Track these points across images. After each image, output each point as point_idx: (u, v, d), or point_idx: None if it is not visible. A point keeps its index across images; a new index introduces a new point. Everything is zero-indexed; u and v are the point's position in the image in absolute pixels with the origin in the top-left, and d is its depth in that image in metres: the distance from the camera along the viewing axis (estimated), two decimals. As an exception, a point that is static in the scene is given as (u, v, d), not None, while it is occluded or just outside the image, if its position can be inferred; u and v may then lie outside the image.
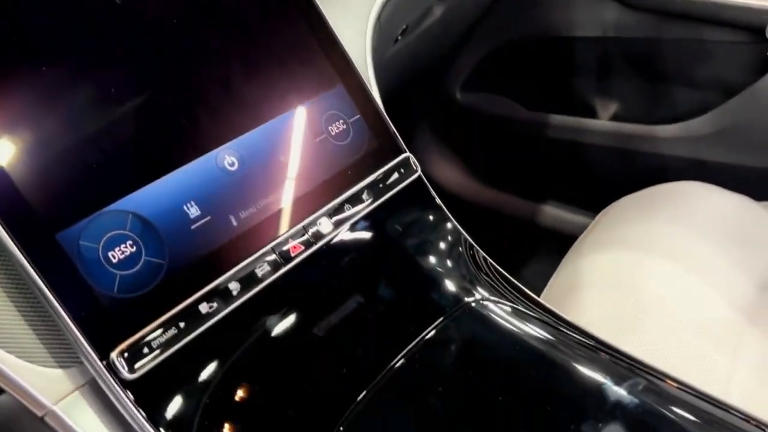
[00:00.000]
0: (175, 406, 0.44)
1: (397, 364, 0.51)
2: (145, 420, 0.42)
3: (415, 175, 0.58)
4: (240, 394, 0.46)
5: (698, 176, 0.94)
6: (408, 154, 0.59)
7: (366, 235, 0.55)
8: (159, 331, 0.44)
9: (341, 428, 0.47)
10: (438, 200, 0.60)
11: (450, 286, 0.57)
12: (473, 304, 0.56)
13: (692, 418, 0.49)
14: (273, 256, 0.49)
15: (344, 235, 0.54)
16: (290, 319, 0.50)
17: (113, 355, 0.42)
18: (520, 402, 0.50)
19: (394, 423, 0.49)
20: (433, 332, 0.53)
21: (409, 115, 1.35)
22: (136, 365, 0.42)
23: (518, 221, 1.38)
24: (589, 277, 0.81)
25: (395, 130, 0.59)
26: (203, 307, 0.46)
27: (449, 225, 0.60)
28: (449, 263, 0.58)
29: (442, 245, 0.59)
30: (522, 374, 0.52)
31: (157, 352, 0.43)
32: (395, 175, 0.57)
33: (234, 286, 0.47)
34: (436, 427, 0.49)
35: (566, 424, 0.48)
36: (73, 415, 0.43)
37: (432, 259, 0.58)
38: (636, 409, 0.49)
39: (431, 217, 0.60)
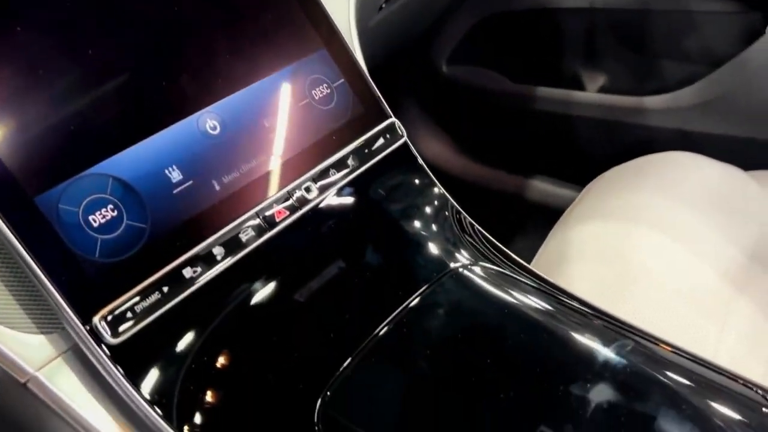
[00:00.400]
0: (159, 370, 0.43)
1: (386, 329, 0.51)
2: (129, 384, 0.42)
3: (401, 141, 0.58)
4: (224, 359, 0.46)
5: (686, 147, 0.94)
6: (394, 119, 0.58)
7: (352, 200, 0.55)
8: (142, 296, 0.43)
9: (328, 393, 0.47)
10: (424, 166, 0.60)
11: (437, 251, 0.57)
12: (461, 269, 0.56)
13: (681, 376, 0.49)
14: (257, 221, 0.49)
15: (330, 200, 0.53)
16: (275, 285, 0.49)
17: (96, 319, 0.41)
18: (508, 366, 0.50)
19: (381, 389, 0.49)
20: (420, 297, 0.53)
21: (395, 89, 1.34)
22: (120, 330, 0.42)
23: (505, 196, 1.38)
24: (577, 249, 0.81)
25: (380, 95, 0.58)
26: (187, 272, 0.45)
27: (436, 191, 0.60)
28: (436, 228, 0.58)
29: (429, 211, 0.59)
30: (510, 338, 0.52)
31: (140, 316, 0.43)
32: (381, 141, 0.57)
33: (218, 251, 0.47)
34: (422, 392, 0.49)
35: (556, 385, 0.48)
36: (56, 381, 0.43)
37: (419, 225, 0.57)
38: (626, 370, 0.49)
39: (417, 183, 0.59)
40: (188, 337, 0.45)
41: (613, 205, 0.86)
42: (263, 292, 0.49)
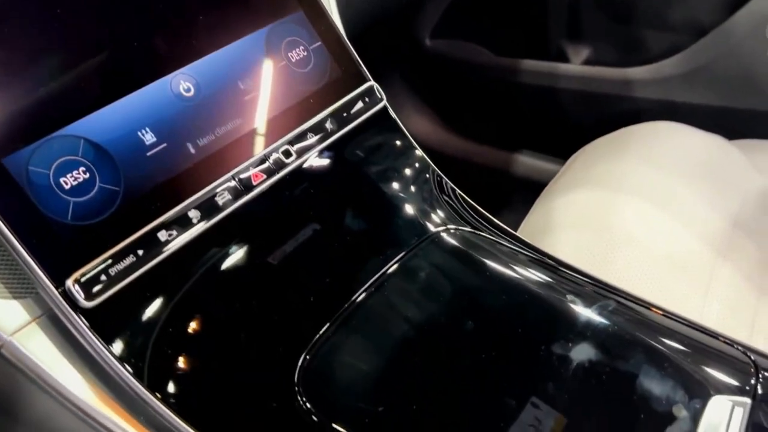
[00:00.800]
0: (134, 334, 0.43)
1: (366, 294, 0.50)
2: (104, 348, 0.41)
3: (381, 105, 0.57)
4: (201, 323, 0.45)
5: (670, 117, 0.93)
6: (372, 82, 0.57)
7: (330, 164, 0.54)
8: (116, 259, 0.42)
9: (307, 357, 0.46)
10: (404, 129, 0.59)
11: (418, 215, 0.56)
12: (442, 233, 0.55)
13: (663, 335, 0.49)
14: (233, 184, 0.48)
15: (308, 164, 0.53)
16: (252, 249, 0.49)
17: (69, 282, 0.41)
18: (489, 328, 0.50)
19: (360, 353, 0.49)
20: (401, 261, 0.53)
21: (378, 63, 1.33)
22: (93, 292, 0.41)
23: (490, 170, 1.37)
24: (561, 217, 0.81)
25: (359, 59, 0.57)
26: (162, 235, 0.45)
27: (416, 155, 0.59)
28: (417, 193, 0.57)
29: (410, 175, 0.58)
30: (492, 300, 0.52)
31: (115, 279, 0.42)
32: (360, 104, 0.56)
33: (194, 214, 0.46)
34: (402, 355, 0.48)
35: (539, 346, 0.48)
36: (30, 346, 0.42)
37: (399, 189, 0.57)
38: (608, 329, 0.49)
39: (397, 147, 0.59)
40: (164, 300, 0.44)
41: (597, 174, 0.86)
42: (240, 256, 0.48)
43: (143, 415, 0.43)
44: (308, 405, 0.44)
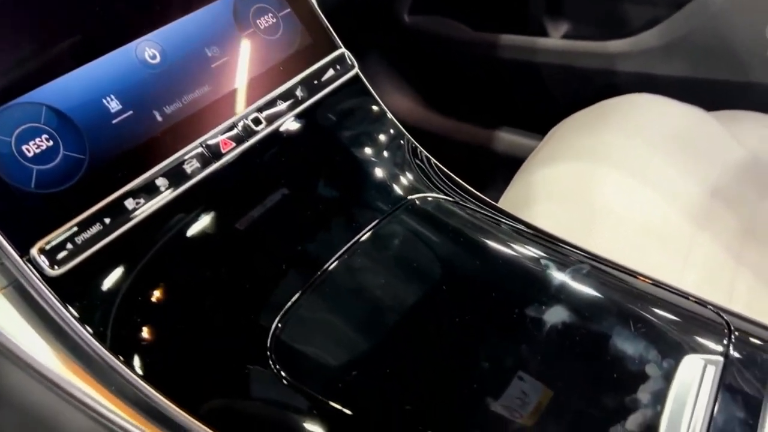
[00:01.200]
0: (101, 302, 0.42)
1: (338, 262, 0.50)
2: (71, 316, 0.41)
3: (352, 72, 0.57)
4: (171, 291, 0.45)
5: (650, 90, 0.93)
6: (343, 50, 0.57)
7: (301, 131, 0.54)
8: (82, 227, 0.42)
9: (279, 325, 0.46)
10: (377, 97, 0.59)
11: (392, 182, 0.56)
12: (417, 201, 0.55)
13: (635, 296, 0.50)
14: (201, 151, 0.47)
15: (278, 131, 0.52)
16: (222, 218, 0.48)
17: (33, 251, 0.40)
18: (462, 294, 0.49)
19: (332, 320, 0.48)
20: (375, 229, 0.52)
21: (356, 40, 1.32)
22: (58, 259, 0.41)
23: (471, 147, 1.36)
24: (541, 190, 0.81)
25: (330, 26, 0.57)
26: (129, 203, 0.44)
27: (390, 122, 0.59)
28: (390, 160, 0.57)
29: (383, 142, 0.58)
30: (465, 266, 0.52)
31: (81, 248, 0.42)
32: (330, 72, 0.55)
33: (161, 182, 0.46)
34: (373, 323, 0.48)
35: (511, 310, 0.48)
36: (-5, 317, 0.42)
37: (372, 156, 0.56)
38: (581, 291, 0.49)
39: (370, 115, 0.58)
40: (132, 269, 0.44)
41: (576, 146, 0.86)
42: (210, 224, 0.48)
43: (113, 385, 0.42)
44: (282, 372, 0.44)
